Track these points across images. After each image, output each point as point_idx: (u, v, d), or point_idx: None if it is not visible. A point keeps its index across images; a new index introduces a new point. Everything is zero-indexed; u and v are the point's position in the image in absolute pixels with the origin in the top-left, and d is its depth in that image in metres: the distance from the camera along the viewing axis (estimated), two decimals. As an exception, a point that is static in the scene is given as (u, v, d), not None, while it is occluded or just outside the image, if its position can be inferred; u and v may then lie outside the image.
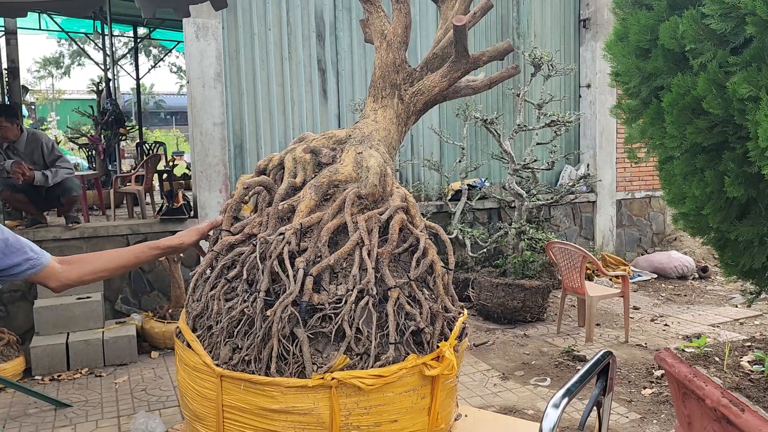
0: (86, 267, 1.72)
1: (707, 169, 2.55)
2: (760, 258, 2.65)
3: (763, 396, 2.84)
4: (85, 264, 1.73)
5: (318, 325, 1.76)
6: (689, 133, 2.52)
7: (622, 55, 2.83)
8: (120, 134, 10.13)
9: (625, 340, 5.78)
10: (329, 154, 2.08)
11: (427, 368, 1.82)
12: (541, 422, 1.48)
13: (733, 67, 2.36)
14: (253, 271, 1.83)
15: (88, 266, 1.73)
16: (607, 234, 8.83)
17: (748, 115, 2.26)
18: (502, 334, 6.07)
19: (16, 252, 1.61)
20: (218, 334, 1.81)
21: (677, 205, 2.83)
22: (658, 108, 2.68)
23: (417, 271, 1.88)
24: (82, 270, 1.71)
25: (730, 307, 6.91)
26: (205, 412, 1.82)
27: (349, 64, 7.45)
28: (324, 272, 1.81)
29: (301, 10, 7.12)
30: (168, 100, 39.54)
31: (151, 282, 6.39)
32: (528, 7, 8.46)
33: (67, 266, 1.70)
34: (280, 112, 7.13)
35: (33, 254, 1.64)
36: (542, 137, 7.49)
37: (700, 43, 2.47)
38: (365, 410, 1.75)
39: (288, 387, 1.70)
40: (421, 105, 2.42)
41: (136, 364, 5.40)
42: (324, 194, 2.00)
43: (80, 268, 1.71)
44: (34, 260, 1.64)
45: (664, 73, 2.65)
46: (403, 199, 1.99)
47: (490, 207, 7.94)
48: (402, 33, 2.40)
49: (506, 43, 2.39)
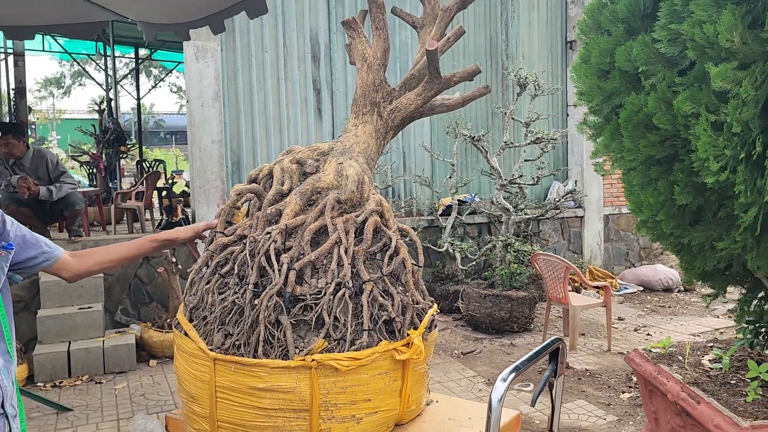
0: (94, 259, 1.96)
1: (660, 179, 2.80)
2: (711, 261, 2.89)
3: (719, 390, 3.06)
4: (93, 256, 1.97)
5: (300, 313, 1.99)
6: (643, 147, 2.77)
7: (586, 76, 3.09)
8: (121, 152, 10.40)
9: (608, 349, 5.99)
10: (313, 165, 2.33)
11: (398, 353, 2.05)
12: (491, 394, 1.70)
13: (680, 86, 2.62)
14: (243, 267, 2.07)
15: (95, 258, 1.96)
16: (595, 248, 9.07)
17: (691, 130, 2.51)
18: (489, 344, 6.28)
19: (33, 246, 1.84)
20: (212, 322, 2.04)
21: (637, 213, 3.07)
22: (616, 124, 2.93)
23: (389, 267, 2.11)
24: (90, 261, 1.95)
25: (711, 317, 7.12)
26: (200, 393, 2.04)
27: (343, 84, 7.74)
28: (306, 267, 2.04)
29: (296, 32, 7.42)
30: (168, 119, 39.95)
31: (150, 293, 6.60)
32: (516, 30, 8.78)
33: (78, 259, 1.94)
34: (276, 130, 7.39)
35: (47, 248, 1.87)
36: (530, 154, 7.76)
37: (651, 65, 2.73)
38: (342, 390, 1.97)
39: (273, 368, 1.92)
40: (398, 121, 2.67)
41: (135, 371, 5.60)
42: (308, 200, 2.24)
43: (89, 260, 1.95)
44: (49, 253, 1.87)
45: (621, 93, 2.91)
46: (378, 203, 2.23)
47: (480, 221, 8.18)
48: (381, 56, 2.66)
49: (475, 66, 2.65)
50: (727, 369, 3.25)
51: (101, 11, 5.17)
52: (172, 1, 4.92)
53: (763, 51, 2.30)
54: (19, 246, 1.80)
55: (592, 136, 3.27)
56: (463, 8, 3.01)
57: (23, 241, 1.82)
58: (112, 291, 6.40)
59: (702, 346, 3.60)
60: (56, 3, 4.99)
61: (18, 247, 1.79)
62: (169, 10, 5.08)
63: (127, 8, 5.17)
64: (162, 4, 5.01)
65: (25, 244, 1.82)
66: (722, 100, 2.44)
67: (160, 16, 5.17)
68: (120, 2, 5.09)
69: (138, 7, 5.12)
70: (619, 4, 2.95)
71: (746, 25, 2.35)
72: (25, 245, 1.82)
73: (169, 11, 5.08)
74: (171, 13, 5.08)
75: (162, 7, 5.06)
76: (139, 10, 5.16)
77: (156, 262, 6.51)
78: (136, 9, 5.16)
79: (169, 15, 5.12)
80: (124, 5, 5.14)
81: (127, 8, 5.17)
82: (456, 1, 2.94)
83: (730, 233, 2.66)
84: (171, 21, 5.15)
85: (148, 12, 5.17)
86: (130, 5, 5.13)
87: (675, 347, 3.61)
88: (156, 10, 5.14)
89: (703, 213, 2.88)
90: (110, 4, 5.07)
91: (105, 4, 5.07)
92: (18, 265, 1.81)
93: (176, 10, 5.02)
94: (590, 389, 5.00)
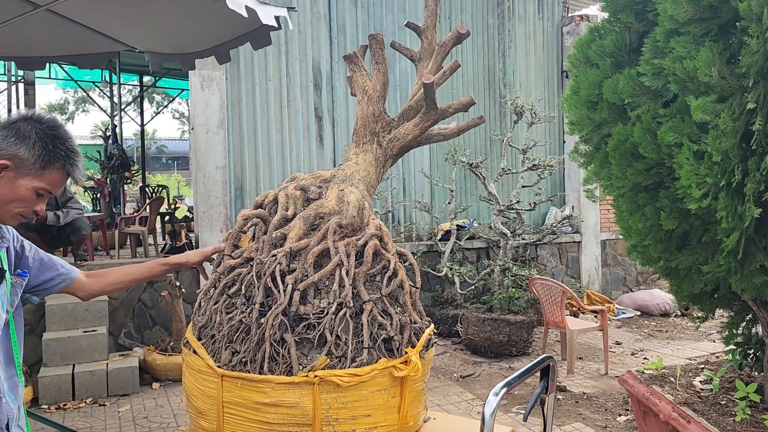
0: (107, 279, 2.08)
1: (647, 205, 2.93)
2: (698, 284, 3.01)
3: (709, 410, 3.15)
4: (107, 277, 2.09)
5: (303, 332, 2.10)
6: (630, 174, 2.90)
7: (576, 107, 3.24)
8: (125, 178, 10.56)
9: (605, 372, 6.06)
10: (316, 191, 2.46)
11: (396, 370, 2.15)
12: (483, 407, 1.81)
13: (663, 118, 2.76)
14: (250, 288, 2.19)
15: (109, 279, 2.09)
16: (593, 273, 9.17)
17: (675, 159, 2.65)
18: (488, 367, 6.35)
19: (50, 269, 1.95)
20: (220, 340, 2.15)
21: (627, 237, 3.19)
22: (605, 153, 3.07)
23: (388, 288, 2.23)
24: (104, 282, 2.07)
25: (708, 342, 7.20)
26: (208, 409, 2.15)
27: (345, 112, 7.93)
28: (309, 288, 2.16)
29: (299, 62, 7.63)
30: (170, 145, 40.26)
31: (153, 317, 6.69)
32: (513, 59, 9.00)
33: (92, 279, 2.06)
34: (279, 157, 7.55)
35: (63, 270, 1.99)
36: (528, 180, 7.91)
37: (636, 98, 2.88)
38: (343, 405, 2.08)
39: (278, 383, 2.03)
40: (397, 150, 2.81)
41: (138, 394, 5.67)
42: (311, 224, 2.36)
43: (102, 280, 2.07)
44: (65, 275, 1.98)
45: (609, 123, 3.05)
46: (378, 228, 2.36)
47: (479, 246, 8.30)
48: (380, 89, 2.81)
49: (468, 98, 2.79)
50: (717, 390, 3.34)
51: (110, 42, 5.36)
52: (180, 32, 5.10)
53: (739, 85, 2.45)
54: (37, 269, 1.91)
55: (583, 164, 3.41)
56: (458, 43, 3.17)
57: (41, 264, 1.92)
58: (116, 314, 6.49)
59: (693, 368, 3.69)
60: (67, 34, 5.16)
61: (36, 270, 1.90)
62: (176, 41, 5.26)
63: (136, 39, 5.35)
64: (169, 36, 5.20)
65: (43, 266, 1.93)
66: (703, 131, 2.58)
67: (168, 47, 5.36)
68: (129, 34, 5.28)
69: (146, 38, 5.31)
70: (606, 39, 3.11)
71: (723, 60, 2.50)
72: (43, 268, 1.93)
73: (176, 42, 5.26)
74: (178, 43, 5.26)
75: (169, 38, 5.25)
76: (147, 40, 5.35)
77: (159, 286, 6.61)
78: (144, 40, 5.34)
79: (175, 45, 5.30)
80: (133, 36, 5.33)
81: (136, 39, 5.35)
82: (451, 37, 3.10)
83: (714, 257, 2.78)
84: (177, 51, 5.34)
85: (155, 43, 5.36)
86: (138, 36, 5.31)
87: (667, 369, 3.70)
88: (163, 41, 5.32)
89: (689, 238, 3.00)
90: (119, 36, 5.25)
91: (114, 36, 5.26)
92: (36, 287, 1.92)
93: (183, 40, 5.20)
94: (587, 412, 5.07)
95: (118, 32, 5.21)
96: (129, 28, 5.16)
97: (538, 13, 9.26)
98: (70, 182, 1.83)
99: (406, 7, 8.24)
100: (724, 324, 3.46)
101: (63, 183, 1.76)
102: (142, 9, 4.65)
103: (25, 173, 1.67)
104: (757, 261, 2.65)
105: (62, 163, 1.70)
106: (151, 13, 4.74)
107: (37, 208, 1.74)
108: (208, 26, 4.87)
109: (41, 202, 1.75)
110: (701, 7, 2.48)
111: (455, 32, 3.05)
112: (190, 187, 29.40)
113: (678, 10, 2.49)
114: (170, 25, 4.98)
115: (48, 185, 1.71)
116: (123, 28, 5.17)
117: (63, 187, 1.79)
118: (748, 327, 3.39)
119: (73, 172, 1.74)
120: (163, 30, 5.11)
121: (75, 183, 1.80)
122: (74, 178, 1.76)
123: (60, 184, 1.75)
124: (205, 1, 4.25)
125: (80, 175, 1.75)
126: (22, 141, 1.66)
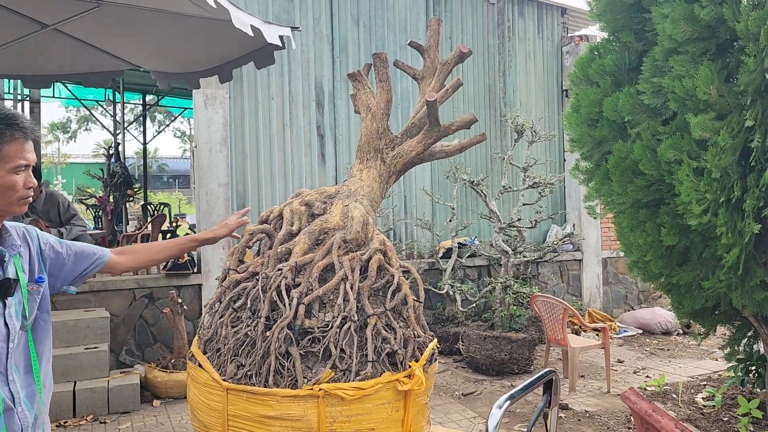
0: (142, 257, 2.18)
1: (648, 221, 2.96)
2: (699, 300, 3.02)
3: (711, 426, 3.15)
4: (141, 254, 2.19)
5: (308, 345, 2.12)
6: (631, 191, 2.94)
7: (576, 124, 3.28)
8: (128, 196, 10.61)
9: (607, 390, 6.04)
10: (321, 207, 2.50)
11: (400, 384, 2.17)
12: (487, 420, 1.82)
13: (663, 135, 2.80)
14: (256, 302, 2.21)
15: (144, 256, 2.19)
16: (594, 291, 9.17)
17: (675, 175, 2.68)
18: (490, 385, 6.33)
19: (85, 259, 2.01)
20: (225, 354, 2.17)
21: (628, 254, 3.22)
22: (606, 170, 3.11)
23: (392, 302, 2.25)
24: (139, 259, 2.17)
25: (710, 360, 7.17)
26: (213, 422, 2.16)
27: (346, 130, 7.99)
28: (314, 302, 2.18)
29: (301, 81, 7.71)
30: (171, 163, 40.40)
31: (154, 334, 6.69)
32: (513, 78, 9.09)
33: (126, 256, 2.14)
34: (281, 174, 7.60)
35: (96, 256, 2.05)
36: (529, 198, 7.95)
37: (636, 115, 2.93)
38: (347, 418, 2.09)
39: (283, 396, 2.04)
40: (400, 166, 2.85)
41: (138, 411, 5.65)
42: (316, 239, 2.39)
43: (137, 257, 2.17)
44: (98, 260, 2.05)
45: (609, 140, 3.09)
46: (382, 243, 2.39)
47: (480, 264, 8.32)
48: (384, 106, 2.86)
49: (471, 115, 2.84)
50: (719, 406, 3.34)
51: (116, 61, 5.43)
52: (185, 51, 5.17)
53: (737, 103, 2.49)
54: (73, 263, 1.97)
55: (584, 181, 3.44)
56: (460, 62, 3.22)
57: (75, 257, 1.98)
58: (118, 332, 6.49)
59: (696, 385, 3.69)
60: (73, 53, 5.23)
61: (72, 264, 1.96)
62: (181, 60, 5.33)
63: (142, 59, 5.42)
64: (175, 55, 5.27)
65: (78, 258, 1.99)
66: (702, 148, 2.62)
67: (172, 66, 5.43)
68: (135, 53, 5.36)
69: (151, 58, 5.39)
70: (606, 59, 3.17)
71: (722, 79, 2.54)
72: (78, 260, 1.99)
73: (181, 61, 5.33)
74: (183, 62, 5.33)
75: (175, 58, 5.32)
76: (153, 60, 5.42)
77: (161, 303, 6.62)
78: (149, 59, 5.42)
79: (181, 65, 5.37)
80: (139, 56, 5.40)
81: (142, 59, 5.42)
82: (454, 56, 3.15)
83: (715, 273, 2.80)
84: (183, 70, 5.40)
85: (161, 62, 5.43)
86: (144, 56, 5.39)
87: (669, 386, 3.70)
88: (169, 60, 5.39)
89: (689, 253, 3.03)
90: (125, 55, 5.33)
91: (120, 55, 5.33)
92: (75, 279, 1.99)
93: (188, 60, 5.27)
94: (590, 430, 5.05)
95: (124, 51, 5.29)
96: (135, 48, 5.24)
97: (538, 33, 9.37)
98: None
99: (408, 27, 8.35)
100: (726, 341, 3.47)
101: (27, 147, 1.73)
102: (148, 29, 4.72)
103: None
104: (758, 276, 2.67)
105: (8, 132, 1.68)
106: (157, 33, 4.82)
107: (29, 185, 1.73)
108: (213, 46, 4.94)
109: (27, 177, 1.74)
110: (699, 27, 2.53)
111: (457, 51, 3.11)
112: (191, 206, 29.44)
113: (677, 29, 2.54)
114: (176, 44, 5.05)
115: (16, 159, 1.69)
116: (129, 48, 5.24)
117: (32, 151, 1.75)
118: (749, 343, 3.40)
119: (23, 129, 1.71)
120: (169, 49, 5.18)
121: (33, 138, 1.74)
122: (27, 133, 1.72)
123: (24, 149, 1.72)
124: (210, 21, 4.32)
125: (30, 125, 1.73)
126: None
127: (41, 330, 1.84)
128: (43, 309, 1.85)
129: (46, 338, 1.86)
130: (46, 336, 1.85)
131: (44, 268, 1.87)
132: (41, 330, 1.84)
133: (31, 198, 1.75)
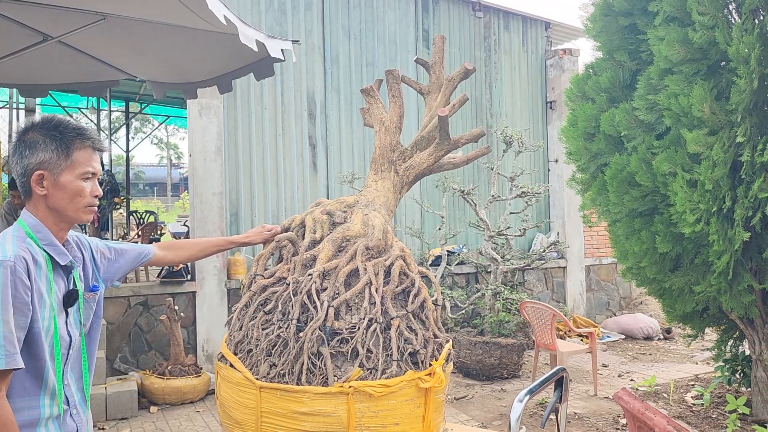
0: (185, 253, 2.39)
1: (643, 229, 3.15)
2: (690, 304, 3.22)
3: (702, 423, 3.35)
4: (184, 250, 2.39)
5: (337, 345, 2.26)
6: (627, 201, 3.13)
7: (573, 138, 3.47)
8: (115, 203, 10.61)
9: (594, 393, 6.24)
10: (341, 215, 2.64)
11: (422, 381, 2.31)
12: (510, 413, 1.97)
13: (657, 149, 3.00)
14: (286, 305, 2.34)
15: (187, 252, 2.40)
16: (578, 297, 9.41)
17: (669, 187, 2.88)
18: (480, 389, 6.49)
19: (133, 259, 2.15)
20: (257, 354, 2.29)
21: (622, 260, 3.41)
22: (602, 181, 3.30)
23: (413, 305, 2.40)
24: (182, 255, 2.39)
25: (691, 364, 7.42)
26: (246, 419, 2.28)
27: (337, 140, 8.13)
28: (341, 305, 2.32)
29: (294, 91, 7.84)
30: (147, 171, 40.09)
31: (149, 342, 6.73)
32: (499, 90, 9.32)
33: (170, 251, 2.32)
34: (273, 184, 7.71)
35: (141, 255, 2.19)
36: (515, 207, 8.16)
37: (632, 130, 3.12)
38: (374, 414, 2.23)
39: (315, 394, 2.17)
40: (412, 177, 3.00)
41: (137, 418, 5.70)
42: (339, 246, 2.53)
43: (180, 253, 2.38)
44: (145, 257, 2.21)
45: (606, 153, 3.29)
46: (401, 250, 2.53)
47: (468, 271, 8.50)
48: (397, 120, 3.01)
49: (479, 129, 3.00)
50: (708, 404, 3.54)
51: (114, 71, 5.49)
52: (185, 62, 5.26)
53: (728, 120, 2.69)
54: (124, 264, 2.12)
55: (580, 191, 3.63)
56: (465, 78, 3.39)
57: (125, 260, 2.12)
58: (113, 339, 6.53)
59: (685, 385, 3.89)
60: (71, 63, 5.27)
61: (122, 265, 2.11)
62: (180, 71, 5.40)
63: (140, 68, 5.49)
64: (174, 65, 5.35)
65: (127, 260, 2.13)
66: (695, 161, 2.81)
67: (171, 76, 5.50)
68: (133, 63, 5.42)
69: (150, 68, 5.46)
70: (602, 76, 3.36)
71: (713, 97, 2.75)
72: (127, 261, 2.13)
73: (180, 71, 5.40)
74: (182, 73, 5.40)
75: (174, 68, 5.39)
76: (151, 70, 5.49)
77: (157, 310, 6.68)
78: (148, 69, 5.49)
79: (179, 75, 5.44)
80: (137, 66, 5.47)
81: (140, 68, 5.49)
82: (459, 72, 3.32)
83: (706, 278, 3.00)
84: (181, 80, 5.48)
85: (159, 72, 5.50)
86: (143, 66, 5.46)
87: (660, 386, 3.89)
88: (168, 71, 5.46)
89: (681, 260, 3.23)
90: (123, 65, 5.39)
91: (118, 65, 5.39)
92: (121, 276, 2.13)
93: (187, 70, 5.35)
94: (579, 431, 5.23)
95: (123, 61, 5.34)
96: (135, 58, 5.30)
97: (523, 46, 9.63)
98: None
99: (397, 40, 8.54)
100: (715, 342, 3.67)
101: (94, 156, 1.83)
102: (150, 40, 4.80)
103: (60, 170, 1.76)
104: (745, 281, 2.87)
105: (78, 140, 1.79)
106: (158, 44, 4.89)
107: (95, 193, 1.83)
108: (213, 57, 5.03)
109: (93, 185, 1.83)
110: (692, 49, 2.73)
111: (463, 68, 3.27)
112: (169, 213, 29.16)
113: (671, 51, 2.74)
114: (176, 55, 5.13)
115: (84, 166, 1.79)
116: (128, 58, 5.30)
117: (99, 162, 1.85)
118: (735, 345, 3.61)
119: (91, 140, 1.82)
120: (169, 60, 5.25)
121: (99, 149, 1.84)
122: (95, 144, 1.83)
123: (92, 158, 1.82)
124: (211, 32, 4.41)
125: (97, 137, 1.85)
126: (36, 148, 1.76)
127: (94, 333, 1.94)
128: (97, 315, 1.95)
129: (97, 339, 1.97)
130: (97, 338, 1.96)
131: (99, 275, 1.98)
132: (94, 333, 1.95)
133: (96, 207, 1.86)
